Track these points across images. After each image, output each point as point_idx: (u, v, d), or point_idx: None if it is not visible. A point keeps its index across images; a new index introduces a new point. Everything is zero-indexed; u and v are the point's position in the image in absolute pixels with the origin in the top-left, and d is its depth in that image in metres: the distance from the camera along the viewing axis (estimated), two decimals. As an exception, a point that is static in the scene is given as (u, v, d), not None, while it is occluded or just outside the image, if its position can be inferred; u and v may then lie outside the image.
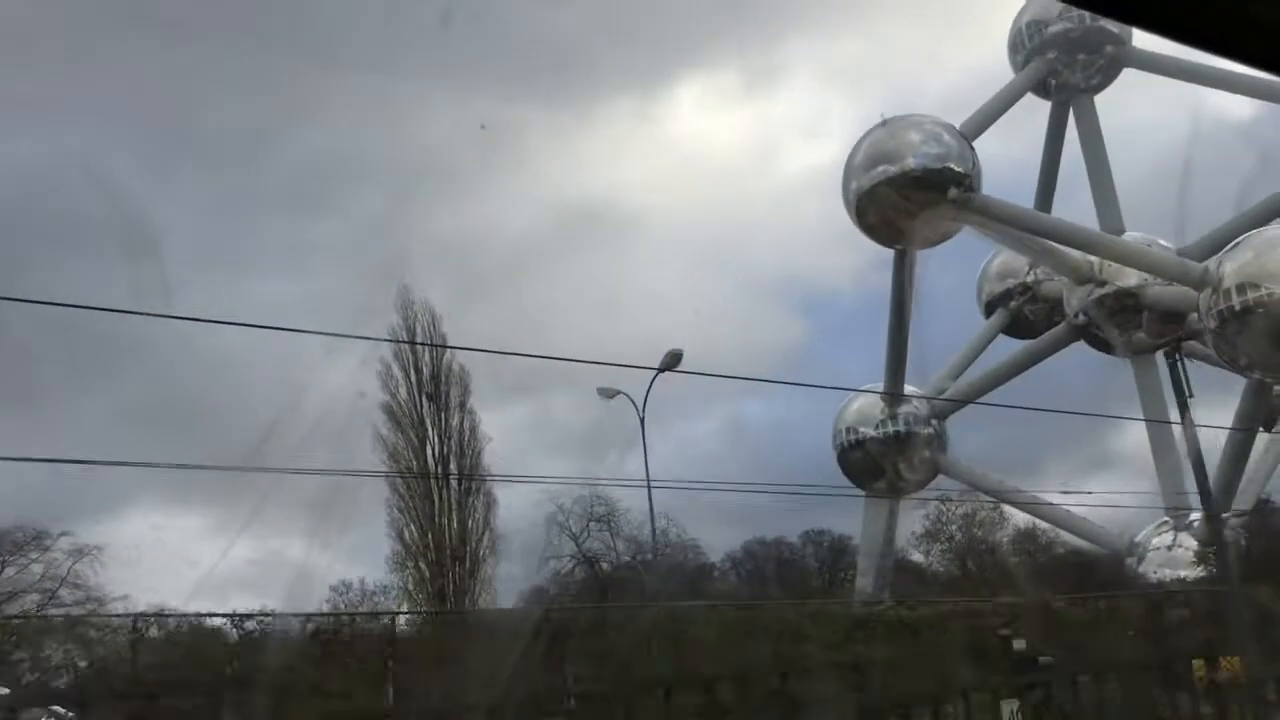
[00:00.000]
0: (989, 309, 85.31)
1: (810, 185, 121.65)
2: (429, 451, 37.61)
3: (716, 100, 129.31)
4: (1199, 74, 73.90)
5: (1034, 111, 78.60)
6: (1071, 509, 73.29)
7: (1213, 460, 64.69)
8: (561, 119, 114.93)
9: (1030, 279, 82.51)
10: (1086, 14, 75.21)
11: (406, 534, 37.47)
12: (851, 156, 68.46)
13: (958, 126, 69.53)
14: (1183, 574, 62.70)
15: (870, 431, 77.31)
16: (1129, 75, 75.96)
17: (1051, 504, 74.82)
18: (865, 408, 77.83)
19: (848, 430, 77.89)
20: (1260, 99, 71.38)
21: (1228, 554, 51.46)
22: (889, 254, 73.47)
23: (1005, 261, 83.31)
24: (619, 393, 49.88)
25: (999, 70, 79.76)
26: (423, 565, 36.64)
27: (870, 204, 67.76)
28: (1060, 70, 75.59)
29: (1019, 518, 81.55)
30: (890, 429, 76.94)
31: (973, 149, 68.07)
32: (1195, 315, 63.46)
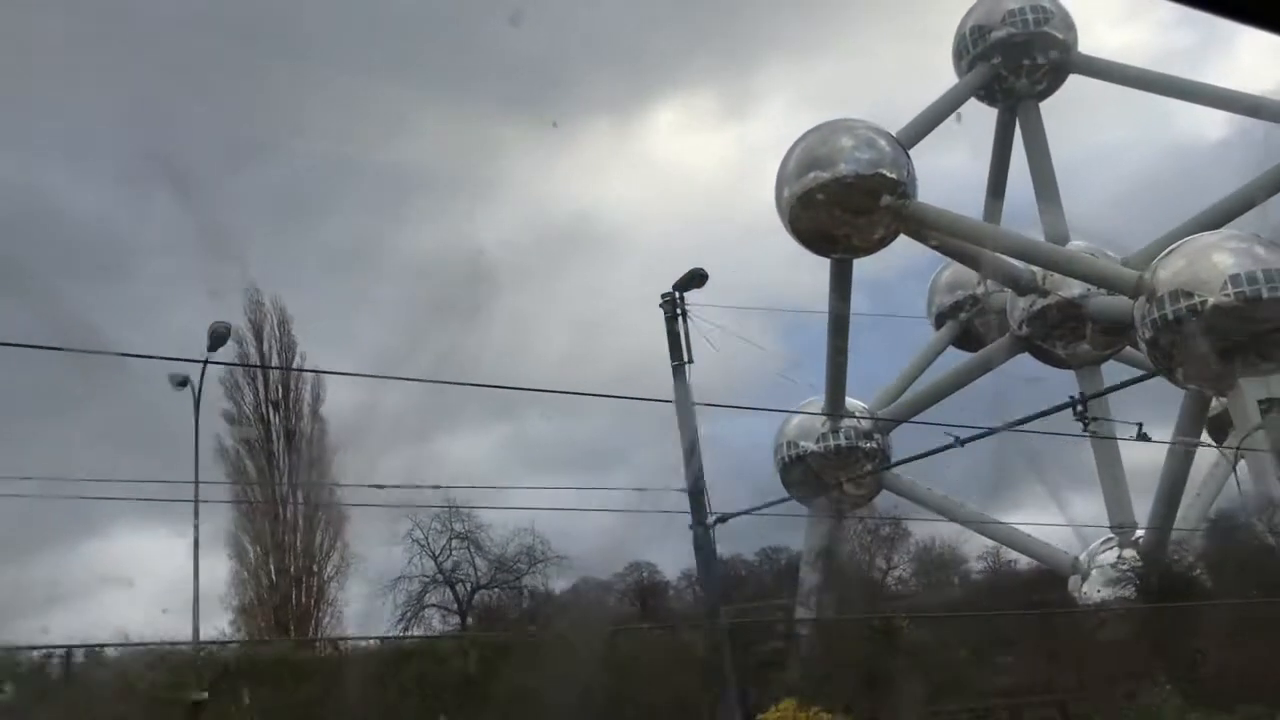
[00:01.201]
0: (939, 321, 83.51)
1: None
2: (275, 464, 35.80)
3: (694, 122, 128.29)
4: (1144, 80, 72.49)
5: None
6: (1018, 526, 71.62)
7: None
8: (540, 138, 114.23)
9: (980, 291, 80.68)
10: (1031, 20, 74.14)
11: (252, 552, 35.36)
12: (784, 163, 66.79)
13: (895, 133, 67.98)
14: (1106, 593, 60.60)
15: (811, 445, 75.35)
16: (1075, 81, 74.26)
17: (998, 521, 72.95)
18: (807, 420, 75.87)
19: (789, 444, 75.95)
20: (1202, 104, 69.74)
21: (1151, 574, 49.50)
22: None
23: (955, 273, 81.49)
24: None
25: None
26: (263, 585, 34.63)
27: (803, 212, 66.05)
28: (1005, 76, 73.90)
29: (925, 533, 79.29)
30: (832, 443, 75.02)
31: (908, 155, 66.41)
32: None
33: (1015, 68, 73.22)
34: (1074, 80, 75.12)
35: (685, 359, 27.69)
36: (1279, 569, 47.06)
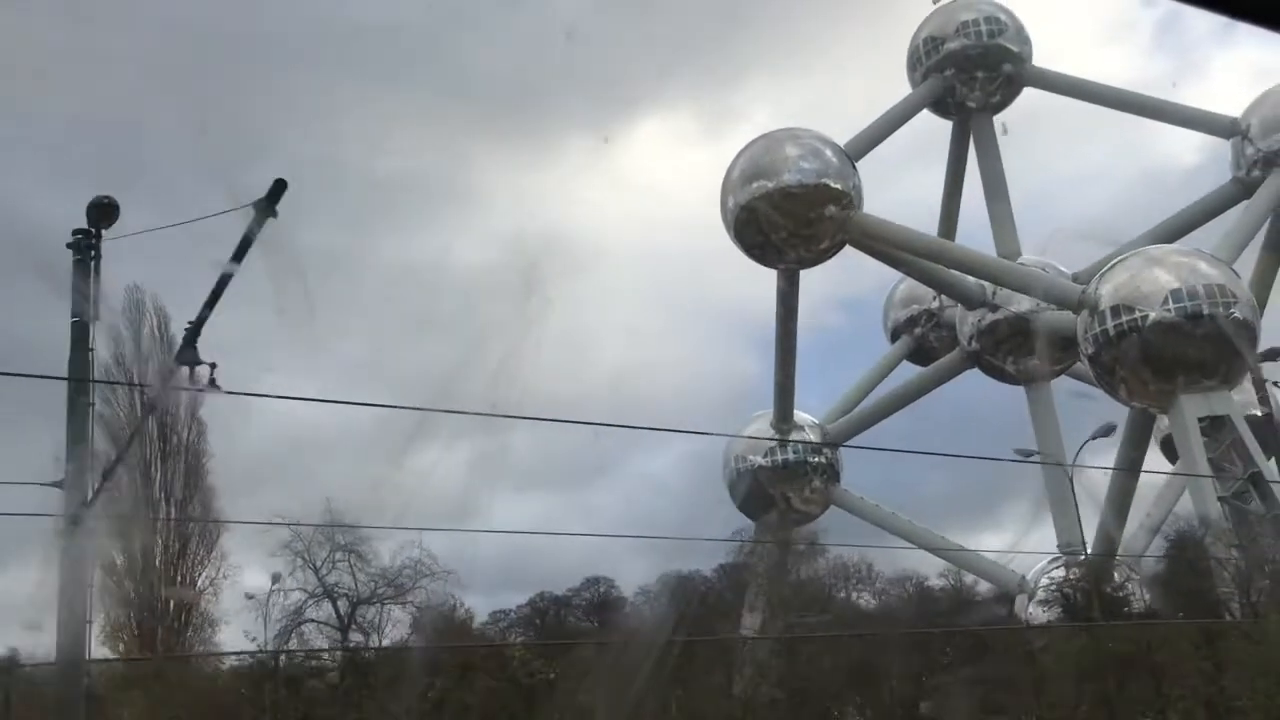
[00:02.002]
0: (894, 335, 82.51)
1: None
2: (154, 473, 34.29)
3: (673, 140, 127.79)
4: (1095, 94, 71.71)
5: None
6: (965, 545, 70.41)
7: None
8: (518, 155, 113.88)
9: (935, 305, 79.72)
10: (984, 32, 73.36)
11: (117, 564, 33.88)
12: (729, 172, 65.73)
13: (845, 144, 67.04)
14: (1038, 614, 59.41)
15: (760, 460, 74.16)
16: (1029, 94, 73.49)
17: (944, 539, 71.68)
18: (757, 435, 74.70)
19: (738, 458, 74.73)
20: (1150, 118, 69.00)
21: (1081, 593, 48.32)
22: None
23: (910, 288, 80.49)
24: None
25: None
26: (132, 599, 33.21)
27: (748, 221, 65.01)
28: (959, 88, 73.03)
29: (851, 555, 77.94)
30: (780, 457, 73.83)
31: (854, 166, 65.43)
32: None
33: (968, 80, 72.36)
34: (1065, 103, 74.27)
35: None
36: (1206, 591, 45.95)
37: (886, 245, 64.92)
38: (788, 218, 63.89)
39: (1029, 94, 74.24)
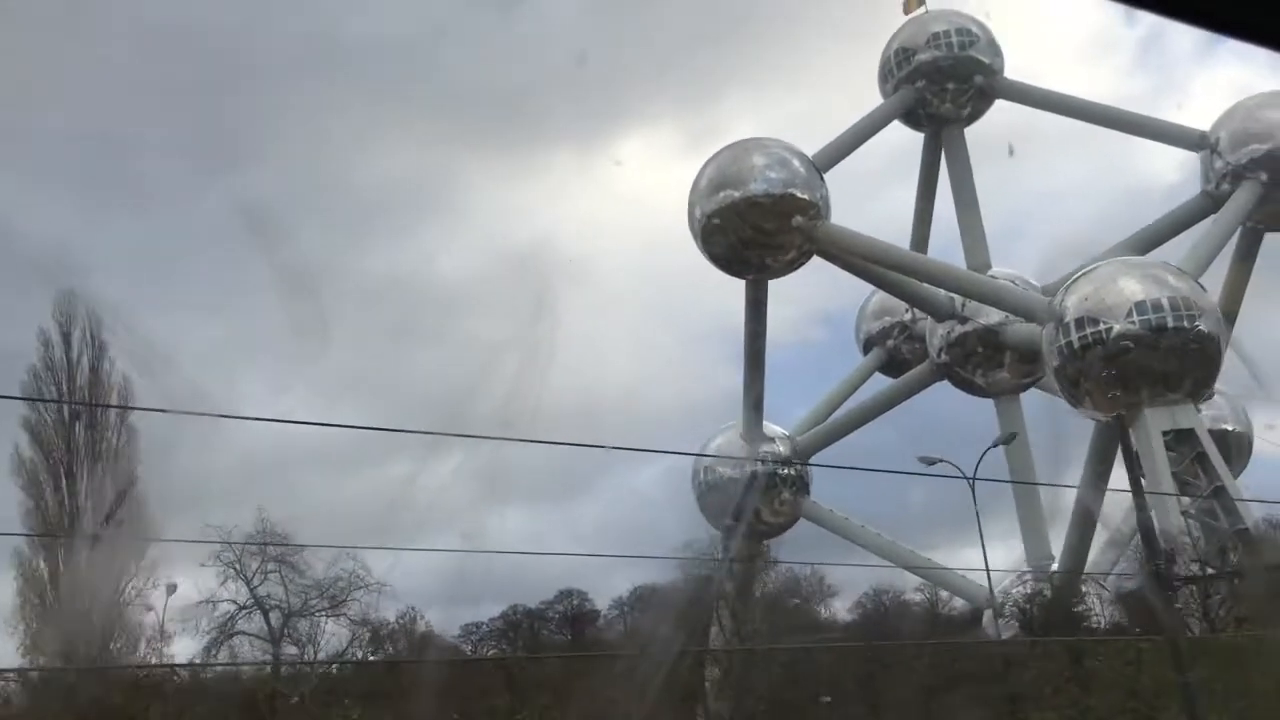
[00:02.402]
0: (867, 347, 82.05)
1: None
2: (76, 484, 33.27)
3: (656, 154, 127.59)
4: (1067, 106, 71.44)
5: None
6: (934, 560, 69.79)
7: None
8: (502, 168, 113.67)
9: (907, 317, 79.28)
10: (956, 43, 73.11)
11: (44, 572, 32.88)
12: (696, 181, 65.32)
13: (813, 155, 66.66)
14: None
15: (729, 472, 73.49)
16: (1015, 113, 73.32)
17: (914, 553, 71.07)
18: (726, 447, 74.08)
19: (706, 470, 74.04)
20: (1119, 130, 68.74)
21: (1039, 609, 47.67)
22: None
23: (883, 300, 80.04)
24: None
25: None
26: (53, 608, 32.30)
27: (715, 231, 64.57)
28: (930, 100, 72.72)
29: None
30: (749, 469, 73.16)
31: (822, 177, 65.04)
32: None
33: (940, 91, 72.06)
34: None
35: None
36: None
37: (854, 256, 64.49)
38: (754, 227, 63.47)
39: (1015, 113, 74.42)
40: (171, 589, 33.77)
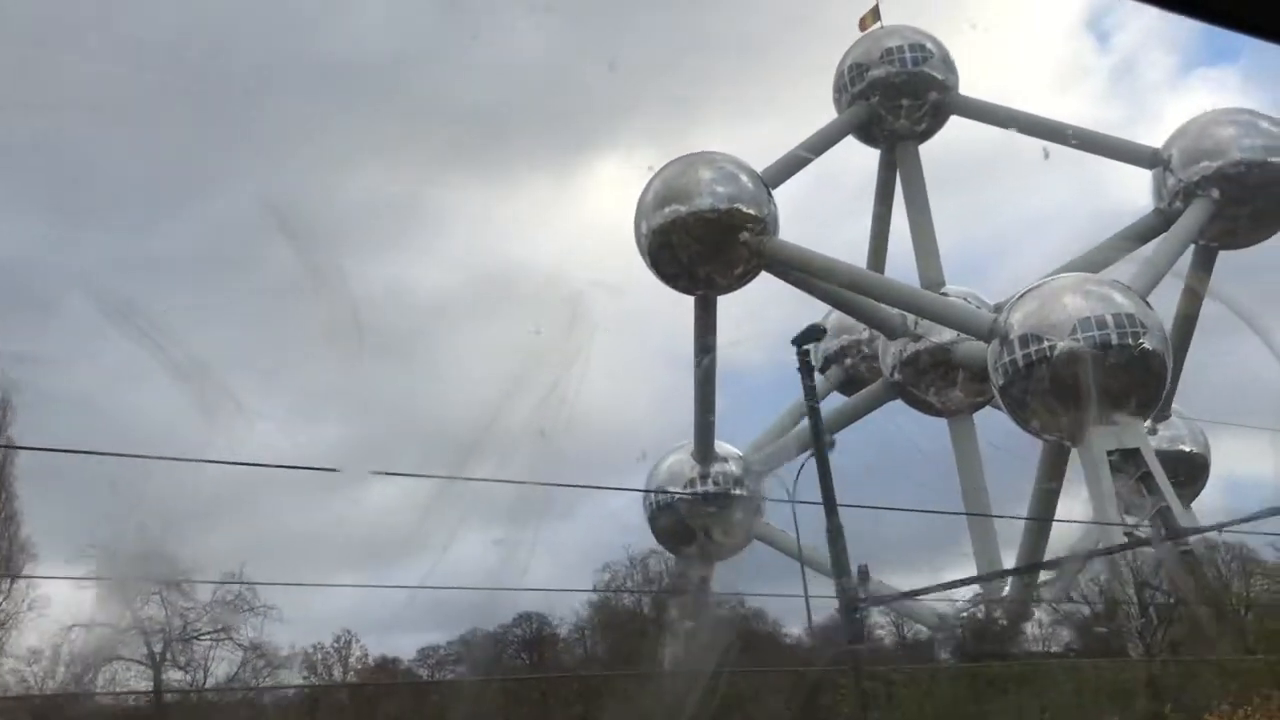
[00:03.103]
0: (825, 365, 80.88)
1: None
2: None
3: (633, 178, 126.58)
4: (1021, 123, 70.68)
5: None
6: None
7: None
8: (477, 192, 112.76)
9: (865, 336, 78.27)
10: (909, 59, 72.46)
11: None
12: (643, 196, 64.36)
13: (762, 170, 65.82)
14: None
15: (680, 492, 72.23)
16: (993, 136, 72.70)
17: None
18: (677, 466, 72.91)
19: (657, 490, 72.73)
20: (1071, 146, 68.01)
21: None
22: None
23: (841, 318, 78.89)
24: None
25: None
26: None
27: (662, 246, 63.57)
28: (884, 116, 71.97)
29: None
30: (701, 489, 71.94)
31: (769, 192, 64.15)
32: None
33: (894, 107, 71.32)
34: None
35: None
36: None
37: (802, 272, 63.52)
38: (700, 243, 62.51)
39: (993, 135, 73.90)
40: (42, 610, 32.37)
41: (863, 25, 74.37)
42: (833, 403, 77.65)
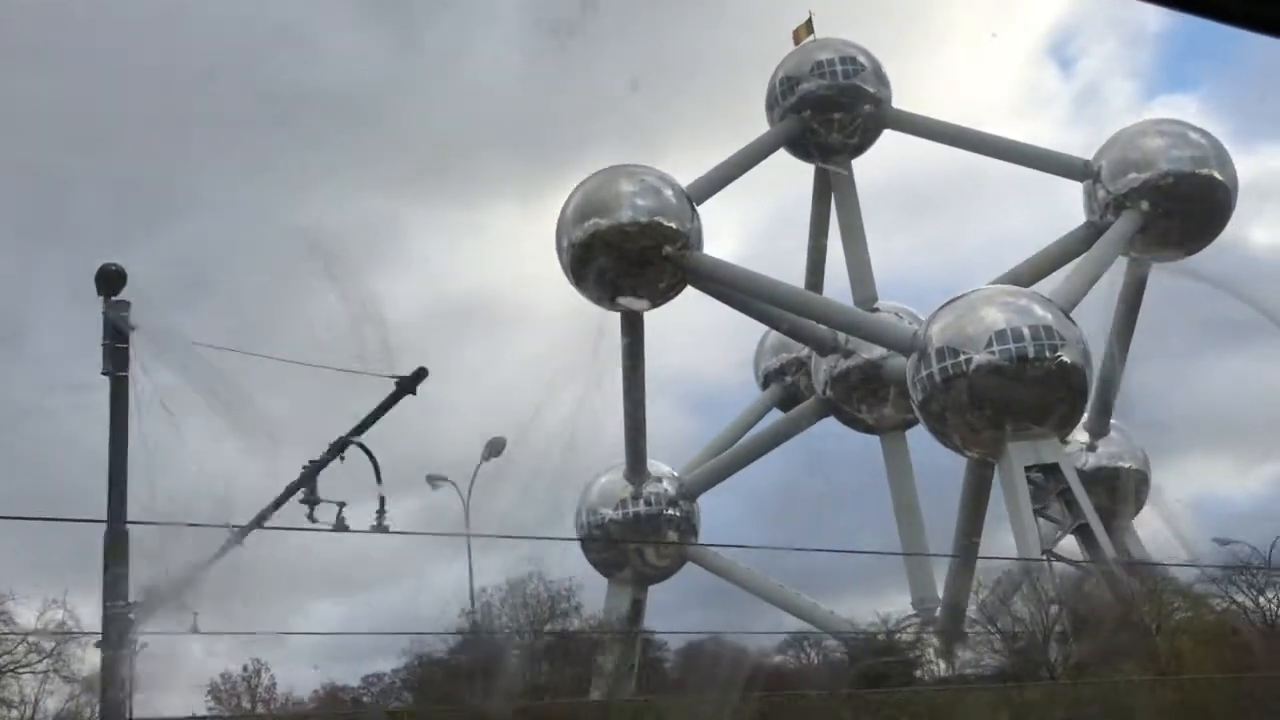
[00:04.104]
0: (765, 383, 79.61)
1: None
2: None
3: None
4: (954, 136, 69.83)
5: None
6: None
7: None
8: (443, 217, 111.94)
9: (805, 353, 76.89)
10: (840, 72, 71.46)
11: None
12: (563, 209, 63.04)
13: (689, 185, 64.61)
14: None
15: (611, 513, 70.58)
16: (888, 136, 71.53)
17: (801, 596, 68.22)
18: (609, 486, 71.27)
19: (589, 512, 71.03)
20: (1008, 160, 67.08)
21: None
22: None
23: (781, 336, 77.76)
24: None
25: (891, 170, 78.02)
26: None
27: (583, 260, 62.21)
28: (817, 130, 70.87)
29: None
30: (633, 510, 70.29)
31: (693, 206, 62.93)
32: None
33: (825, 121, 70.26)
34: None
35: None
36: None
37: (726, 287, 62.31)
38: (623, 257, 61.22)
39: (959, 157, 73.21)
40: None
41: (797, 38, 73.48)
42: (770, 421, 76.54)
